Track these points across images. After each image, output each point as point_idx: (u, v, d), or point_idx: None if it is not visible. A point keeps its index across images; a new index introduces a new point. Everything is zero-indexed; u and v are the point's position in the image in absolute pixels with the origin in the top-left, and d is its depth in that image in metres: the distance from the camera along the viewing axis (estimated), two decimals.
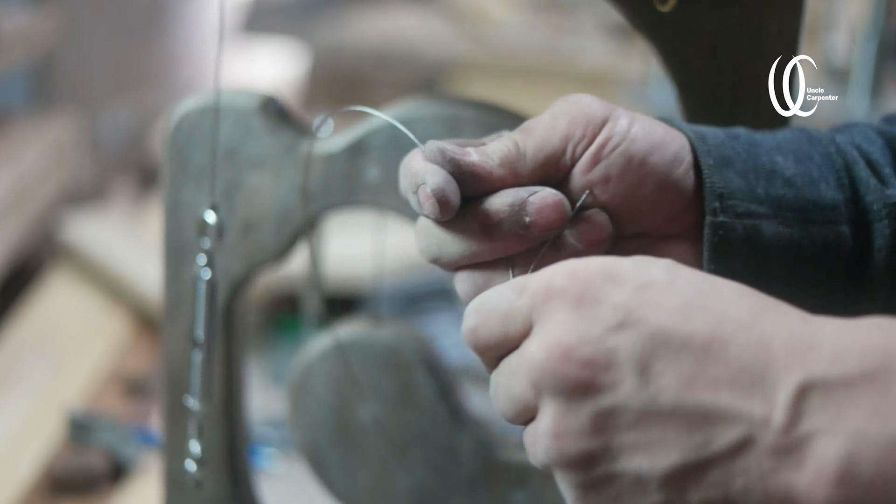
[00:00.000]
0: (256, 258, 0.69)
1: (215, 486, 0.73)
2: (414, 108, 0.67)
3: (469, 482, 0.70)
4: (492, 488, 0.70)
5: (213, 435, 0.72)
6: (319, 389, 0.71)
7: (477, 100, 0.68)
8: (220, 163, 0.69)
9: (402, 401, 0.70)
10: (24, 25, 1.30)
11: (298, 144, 0.68)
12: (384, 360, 0.70)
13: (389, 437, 0.70)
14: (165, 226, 0.70)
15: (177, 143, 0.69)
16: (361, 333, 0.70)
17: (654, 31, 0.63)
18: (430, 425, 0.70)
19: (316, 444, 0.71)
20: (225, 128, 0.68)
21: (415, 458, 0.70)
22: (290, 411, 0.71)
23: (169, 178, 0.69)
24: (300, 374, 0.71)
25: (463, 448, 0.70)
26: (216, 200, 0.69)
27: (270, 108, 0.69)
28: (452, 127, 0.66)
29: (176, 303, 0.70)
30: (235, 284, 0.70)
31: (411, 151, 0.55)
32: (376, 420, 0.70)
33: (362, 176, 0.68)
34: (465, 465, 0.70)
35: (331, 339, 0.71)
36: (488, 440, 0.70)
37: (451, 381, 0.71)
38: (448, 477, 0.70)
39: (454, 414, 0.70)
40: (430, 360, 0.70)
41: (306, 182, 0.68)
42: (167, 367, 0.72)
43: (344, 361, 0.70)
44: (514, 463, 0.70)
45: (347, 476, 0.71)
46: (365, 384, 0.70)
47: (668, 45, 0.62)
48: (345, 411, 0.71)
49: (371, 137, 0.67)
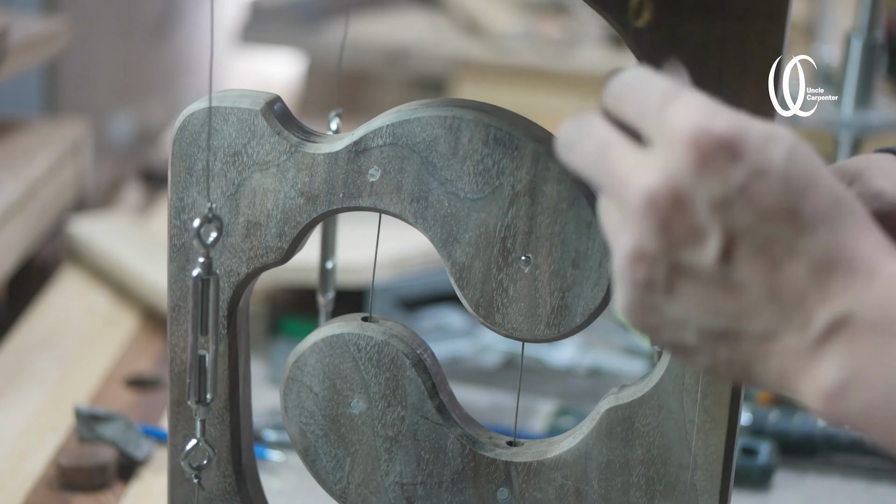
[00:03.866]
0: (260, 258, 0.71)
1: (220, 481, 0.74)
2: (413, 109, 0.68)
3: (455, 479, 0.71)
4: (478, 485, 0.71)
5: (217, 431, 0.73)
6: (310, 382, 0.72)
7: (477, 101, 0.69)
8: (223, 164, 0.70)
9: (391, 397, 0.71)
10: (35, 33, 1.32)
11: (302, 145, 0.69)
12: (374, 356, 0.71)
13: (378, 432, 0.71)
14: (170, 226, 0.71)
15: (181, 144, 0.70)
16: (351, 329, 0.71)
17: (637, 43, 0.64)
18: (418, 422, 0.71)
19: (307, 436, 0.72)
20: (228, 129, 0.69)
21: (403, 454, 0.71)
22: (283, 404, 0.73)
23: (174, 180, 0.71)
24: (292, 366, 0.72)
25: (450, 445, 0.71)
26: (218, 201, 0.70)
27: (274, 110, 0.70)
28: (452, 127, 0.67)
29: (181, 302, 0.72)
30: (239, 284, 0.71)
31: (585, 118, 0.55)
32: (365, 415, 0.71)
33: (363, 177, 0.69)
34: (452, 461, 0.71)
35: (322, 334, 0.72)
36: (475, 438, 0.72)
37: (440, 379, 0.72)
38: (435, 473, 0.71)
39: (442, 411, 0.71)
40: (420, 357, 0.71)
41: (309, 183, 0.69)
42: (173, 365, 0.73)
43: (334, 355, 0.71)
44: (500, 461, 0.71)
45: (337, 469, 0.72)
46: (354, 379, 0.71)
47: (651, 56, 0.63)
48: (335, 405, 0.72)
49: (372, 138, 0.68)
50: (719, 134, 0.49)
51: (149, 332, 1.14)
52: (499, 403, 1.04)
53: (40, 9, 1.66)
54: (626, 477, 0.69)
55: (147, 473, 0.91)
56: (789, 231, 0.49)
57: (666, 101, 0.51)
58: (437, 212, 0.68)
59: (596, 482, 0.70)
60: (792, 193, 0.49)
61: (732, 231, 0.50)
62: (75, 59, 1.77)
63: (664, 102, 0.51)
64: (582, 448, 0.70)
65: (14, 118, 1.39)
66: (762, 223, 0.50)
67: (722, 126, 0.50)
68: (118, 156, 1.87)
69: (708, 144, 0.49)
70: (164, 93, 2.10)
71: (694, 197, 0.50)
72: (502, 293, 0.68)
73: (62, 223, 1.31)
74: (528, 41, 1.76)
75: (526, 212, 0.67)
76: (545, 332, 0.68)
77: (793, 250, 0.49)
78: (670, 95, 0.51)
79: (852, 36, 1.13)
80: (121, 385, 1.05)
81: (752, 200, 0.49)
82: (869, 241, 0.50)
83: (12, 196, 1.17)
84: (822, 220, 0.50)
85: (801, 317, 0.50)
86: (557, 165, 0.66)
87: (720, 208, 0.49)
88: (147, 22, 2.09)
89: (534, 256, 0.67)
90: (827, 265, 0.49)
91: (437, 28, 1.84)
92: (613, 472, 0.69)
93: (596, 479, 0.70)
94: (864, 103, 1.15)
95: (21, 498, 0.88)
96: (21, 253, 1.20)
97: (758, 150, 0.49)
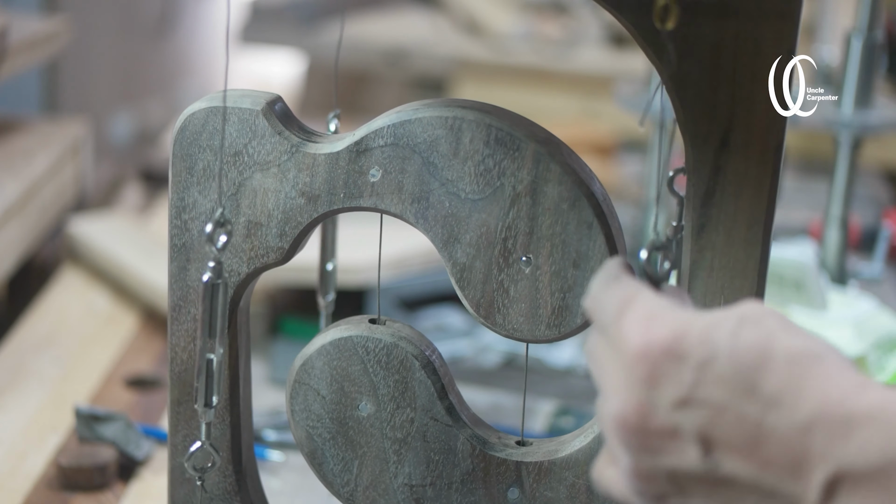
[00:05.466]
0: (260, 258, 0.71)
1: (220, 481, 0.74)
2: (414, 109, 0.68)
3: (465, 480, 0.71)
4: (488, 485, 0.71)
5: (217, 431, 0.73)
6: (318, 385, 0.72)
7: (478, 101, 0.69)
8: (224, 164, 0.70)
9: (400, 399, 0.71)
10: (35, 33, 1.32)
11: (303, 145, 0.69)
12: (382, 358, 0.71)
13: (386, 434, 0.71)
14: (171, 226, 0.71)
15: (182, 144, 0.70)
16: (360, 332, 0.71)
17: (653, 44, 0.64)
18: (428, 424, 0.71)
19: (314, 440, 0.72)
20: (229, 129, 0.69)
21: (412, 456, 0.72)
22: (289, 408, 0.73)
23: (174, 179, 0.71)
24: (299, 370, 0.72)
25: (460, 446, 0.71)
26: (223, 201, 0.70)
27: (275, 110, 0.70)
28: (454, 128, 0.67)
29: (181, 302, 0.72)
30: (239, 284, 0.71)
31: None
32: (374, 417, 0.71)
33: (364, 177, 0.69)
34: (462, 462, 0.71)
35: (329, 337, 0.72)
36: (485, 439, 0.72)
37: (448, 380, 0.72)
38: (445, 474, 0.72)
39: (451, 412, 0.71)
40: (429, 359, 0.71)
41: (310, 183, 0.69)
42: (173, 365, 0.73)
43: (342, 358, 0.71)
44: (511, 461, 0.71)
45: (345, 472, 0.72)
46: (363, 382, 0.71)
47: (667, 57, 0.63)
48: (343, 408, 0.72)
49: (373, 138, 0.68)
50: (660, 343, 0.52)
51: (149, 332, 1.14)
52: (499, 403, 1.04)
53: (40, 9, 1.66)
54: None
55: (147, 473, 0.91)
56: (755, 407, 0.50)
57: (619, 314, 0.54)
58: (438, 212, 0.68)
59: None
60: (745, 370, 0.51)
61: (702, 425, 0.51)
62: (75, 59, 1.77)
63: (618, 316, 0.54)
64: (593, 446, 0.70)
65: (14, 118, 1.39)
66: (726, 408, 0.51)
67: (661, 334, 0.52)
68: (118, 156, 1.87)
69: (653, 357, 0.52)
70: (164, 93, 2.11)
71: (656, 407, 0.52)
72: (503, 294, 0.68)
73: (62, 223, 1.31)
74: (528, 41, 1.76)
75: (527, 212, 0.67)
76: (546, 332, 0.68)
77: (765, 425, 0.50)
78: (622, 307, 0.54)
79: (852, 36, 1.14)
80: (121, 385, 1.05)
81: (708, 390, 0.51)
82: (837, 386, 0.50)
83: (12, 196, 1.17)
84: (784, 387, 0.50)
85: (801, 484, 0.50)
86: (558, 166, 0.66)
87: (682, 408, 0.51)
88: (147, 22, 2.09)
89: (535, 257, 0.67)
90: (804, 429, 0.50)
91: (437, 28, 1.84)
92: None
93: None
94: (864, 103, 1.15)
95: (21, 498, 0.88)
96: (21, 253, 1.20)
97: (700, 343, 0.51)
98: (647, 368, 0.52)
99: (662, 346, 0.52)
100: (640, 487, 0.53)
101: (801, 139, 1.64)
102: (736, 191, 0.66)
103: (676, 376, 0.51)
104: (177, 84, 2.16)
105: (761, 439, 0.50)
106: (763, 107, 0.65)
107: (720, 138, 0.65)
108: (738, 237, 0.67)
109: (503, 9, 1.84)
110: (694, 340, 0.51)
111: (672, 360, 0.51)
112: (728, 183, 0.66)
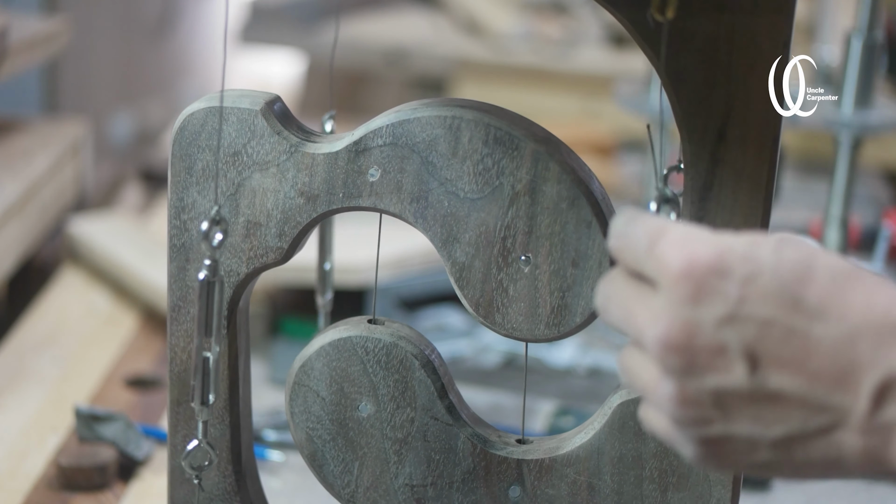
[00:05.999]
0: (259, 258, 0.71)
1: (220, 481, 0.74)
2: (413, 109, 0.68)
3: (466, 478, 0.71)
4: (489, 484, 0.71)
5: (217, 431, 0.73)
6: (317, 387, 0.72)
7: (477, 101, 0.69)
8: (223, 164, 0.70)
9: (400, 399, 0.71)
10: (35, 33, 1.32)
11: (301, 145, 0.69)
12: (382, 358, 0.71)
13: (387, 434, 0.71)
14: (170, 226, 0.71)
15: (181, 144, 0.70)
16: (359, 332, 0.71)
17: (649, 38, 0.64)
18: (428, 423, 0.71)
19: (314, 441, 0.72)
20: (228, 129, 0.69)
21: (412, 456, 0.72)
22: (289, 409, 0.73)
23: (174, 179, 0.71)
24: (298, 371, 0.72)
25: (460, 445, 0.71)
26: (220, 201, 0.70)
27: (274, 110, 0.70)
28: (452, 127, 0.67)
29: (181, 302, 0.72)
30: (239, 284, 0.71)
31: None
32: (374, 418, 0.71)
33: (363, 176, 0.69)
34: (463, 461, 0.71)
35: (328, 338, 0.72)
36: (485, 437, 0.72)
37: (448, 380, 0.72)
38: (445, 474, 0.72)
39: (451, 411, 0.71)
40: (428, 358, 0.71)
41: (309, 182, 0.69)
42: (173, 365, 0.73)
43: (342, 359, 0.71)
44: (512, 459, 0.71)
45: (346, 473, 0.72)
46: (363, 383, 0.71)
47: (663, 51, 0.63)
48: (343, 409, 0.72)
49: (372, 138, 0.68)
50: (705, 261, 0.52)
51: (149, 332, 1.14)
52: (499, 403, 1.04)
53: (40, 9, 1.65)
54: (639, 470, 0.70)
55: (147, 473, 0.91)
56: (801, 320, 0.51)
57: (653, 242, 0.54)
58: (437, 212, 0.68)
59: (609, 476, 0.70)
60: (790, 284, 0.51)
61: (748, 341, 0.51)
62: (75, 59, 1.77)
63: (651, 244, 0.54)
64: (594, 443, 0.70)
65: (14, 118, 1.39)
66: (773, 323, 0.51)
67: (706, 252, 0.52)
68: (118, 156, 1.87)
69: (698, 274, 0.52)
70: (164, 93, 2.11)
71: (702, 324, 0.52)
72: (502, 293, 0.68)
73: (62, 223, 1.31)
74: (528, 41, 1.76)
75: (526, 211, 0.67)
76: (545, 331, 0.68)
77: (812, 337, 0.51)
78: (655, 235, 0.54)
79: (852, 36, 1.14)
80: (121, 385, 1.05)
81: (754, 306, 0.51)
82: (881, 297, 0.51)
83: (12, 196, 1.17)
84: (829, 299, 0.51)
85: (850, 396, 0.50)
86: (557, 165, 0.66)
87: (729, 324, 0.51)
88: (147, 22, 2.09)
89: (534, 256, 0.67)
90: (851, 338, 0.50)
91: (437, 28, 1.84)
92: (626, 466, 0.70)
93: (609, 473, 0.70)
94: (864, 103, 1.15)
95: (21, 498, 0.88)
96: (21, 253, 1.20)
97: (744, 260, 0.52)
98: (691, 286, 0.52)
99: (706, 263, 0.52)
100: (684, 415, 0.53)
101: (801, 139, 1.64)
102: (734, 184, 0.66)
103: (721, 293, 0.51)
104: (176, 84, 2.16)
105: (808, 352, 0.51)
106: (759, 100, 0.65)
107: (717, 132, 0.66)
108: (735, 230, 0.67)
109: (503, 9, 1.84)
110: (737, 257, 0.52)
111: (716, 277, 0.51)
112: (725, 176, 0.66)
